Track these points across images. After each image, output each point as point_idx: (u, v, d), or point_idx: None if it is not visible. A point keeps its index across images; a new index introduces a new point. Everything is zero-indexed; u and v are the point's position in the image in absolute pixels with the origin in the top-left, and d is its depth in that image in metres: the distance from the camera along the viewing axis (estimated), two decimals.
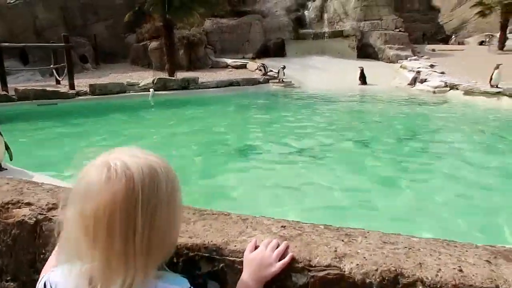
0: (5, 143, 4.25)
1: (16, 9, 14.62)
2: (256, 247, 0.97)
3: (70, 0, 16.34)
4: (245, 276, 0.94)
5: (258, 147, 6.77)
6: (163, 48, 14.09)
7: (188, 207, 1.20)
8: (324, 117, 9.36)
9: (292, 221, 1.10)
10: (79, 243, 0.79)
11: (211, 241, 1.00)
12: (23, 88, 9.78)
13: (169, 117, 9.65)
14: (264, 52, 17.95)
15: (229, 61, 16.91)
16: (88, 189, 0.78)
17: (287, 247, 0.97)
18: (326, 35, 17.76)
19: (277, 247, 0.96)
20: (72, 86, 10.47)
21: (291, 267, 0.92)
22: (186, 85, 11.91)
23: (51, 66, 11.84)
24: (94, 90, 10.45)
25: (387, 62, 17.09)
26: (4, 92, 9.40)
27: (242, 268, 0.94)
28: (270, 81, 14.14)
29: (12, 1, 14.63)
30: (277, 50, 18.03)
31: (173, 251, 0.92)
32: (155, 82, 11.43)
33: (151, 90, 11.06)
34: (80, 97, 10.24)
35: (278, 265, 0.94)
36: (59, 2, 15.94)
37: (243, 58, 17.44)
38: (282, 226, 1.06)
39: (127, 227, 0.77)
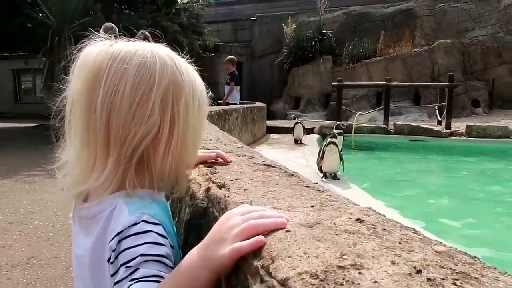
0: (340, 155, 4.69)
1: (419, 57, 15.91)
2: None
3: (471, 45, 15.98)
4: (196, 247, 0.59)
5: None
6: None
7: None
8: None
9: None
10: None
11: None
12: (400, 123, 10.48)
13: None
14: None
15: None
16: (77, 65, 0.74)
17: (275, 229, 0.53)
18: None
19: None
20: (448, 126, 10.17)
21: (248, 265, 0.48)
22: None
23: (434, 105, 12.02)
24: (471, 131, 9.68)
25: None
26: (384, 126, 10.44)
27: None
28: None
29: (417, 50, 16.06)
30: None
31: (167, 175, 0.74)
32: None
33: None
34: (453, 137, 9.79)
35: (232, 248, 0.52)
36: (461, 47, 15.95)
37: None
38: None
39: (89, 103, 0.69)
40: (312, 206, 0.70)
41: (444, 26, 16.78)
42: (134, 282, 0.57)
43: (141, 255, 0.59)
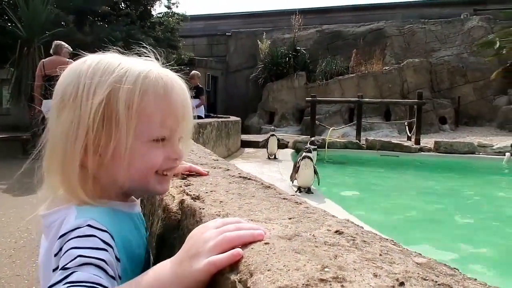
0: (314, 168, 4.72)
1: (389, 74, 16.42)
2: None
3: (438, 65, 16.65)
4: (168, 261, 0.55)
5: None
6: None
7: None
8: None
9: None
10: None
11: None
12: (372, 139, 10.71)
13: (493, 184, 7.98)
14: None
15: None
16: None
17: (253, 241, 0.51)
18: None
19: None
20: (417, 141, 10.48)
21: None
22: None
23: (403, 121, 12.37)
24: (439, 147, 10.00)
25: None
26: (357, 141, 10.64)
27: None
28: None
29: (387, 68, 16.58)
30: None
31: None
32: None
33: (507, 154, 9.33)
34: (423, 153, 10.08)
35: (208, 262, 0.49)
36: (429, 67, 16.58)
37: None
38: None
39: None
40: (290, 218, 0.68)
41: (412, 46, 17.44)
42: (68, 286, 0.51)
43: (80, 256, 0.55)
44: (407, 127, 12.17)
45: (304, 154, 5.05)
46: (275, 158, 8.85)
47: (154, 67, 0.73)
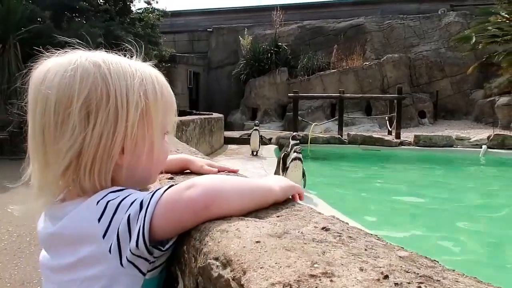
0: (303, 170, 4.75)
1: (369, 70, 16.64)
2: None
3: (417, 60, 16.95)
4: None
5: None
6: None
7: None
8: None
9: None
10: None
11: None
12: (354, 133, 10.86)
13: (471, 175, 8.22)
14: None
15: None
16: None
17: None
18: None
19: None
20: (398, 135, 10.68)
21: None
22: None
23: (384, 115, 12.58)
24: (419, 141, 10.22)
25: None
26: (339, 136, 10.77)
27: None
28: None
29: (367, 63, 16.79)
30: None
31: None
32: (490, 138, 9.86)
33: (484, 146, 9.61)
34: (403, 147, 10.28)
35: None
36: (408, 62, 16.87)
37: None
38: None
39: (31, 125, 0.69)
40: (278, 216, 0.70)
41: (392, 41, 17.71)
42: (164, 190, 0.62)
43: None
44: (387, 121, 12.39)
45: (295, 155, 4.84)
46: (257, 155, 8.86)
47: (149, 67, 0.77)
